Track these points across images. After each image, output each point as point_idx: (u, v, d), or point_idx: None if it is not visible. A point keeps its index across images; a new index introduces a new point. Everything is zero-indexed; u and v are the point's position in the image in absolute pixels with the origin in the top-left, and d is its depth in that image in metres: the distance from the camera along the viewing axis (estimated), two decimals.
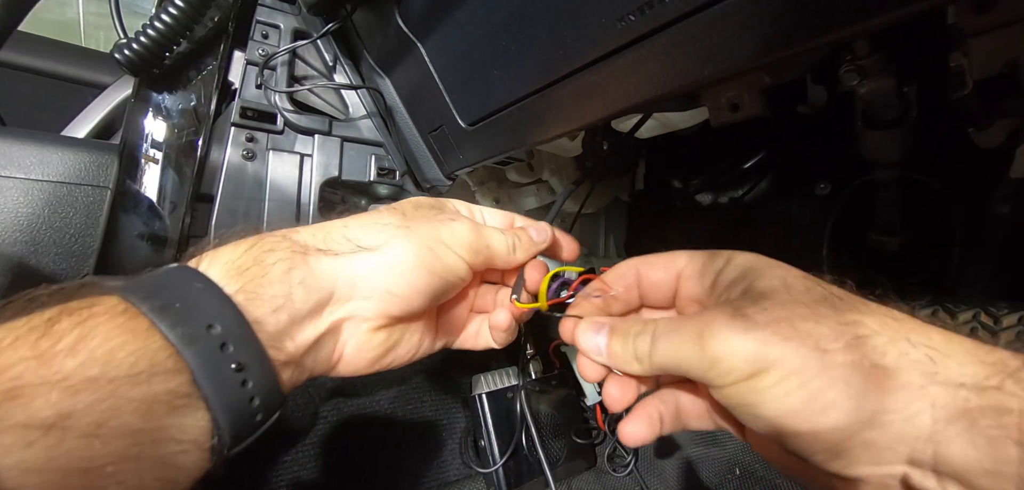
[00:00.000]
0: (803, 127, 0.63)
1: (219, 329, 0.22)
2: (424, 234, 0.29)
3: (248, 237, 0.26)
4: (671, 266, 0.28)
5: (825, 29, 0.22)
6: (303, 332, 0.26)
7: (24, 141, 0.45)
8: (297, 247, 0.26)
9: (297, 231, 0.28)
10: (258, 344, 0.23)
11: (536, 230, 0.35)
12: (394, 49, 0.49)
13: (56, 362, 0.18)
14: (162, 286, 0.22)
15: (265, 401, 0.23)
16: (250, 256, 0.25)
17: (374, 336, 0.28)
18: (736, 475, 0.54)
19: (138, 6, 0.95)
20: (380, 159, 0.61)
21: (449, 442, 0.57)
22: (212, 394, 0.21)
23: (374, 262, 0.27)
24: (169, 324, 0.21)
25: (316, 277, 0.26)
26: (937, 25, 0.28)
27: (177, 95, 0.54)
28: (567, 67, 0.34)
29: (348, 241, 0.28)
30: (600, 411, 0.63)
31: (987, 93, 0.35)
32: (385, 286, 0.27)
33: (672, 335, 0.23)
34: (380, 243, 0.28)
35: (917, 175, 0.50)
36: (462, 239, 0.30)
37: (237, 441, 0.23)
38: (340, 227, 0.29)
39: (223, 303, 0.23)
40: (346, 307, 0.27)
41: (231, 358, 0.22)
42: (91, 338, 0.19)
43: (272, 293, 0.24)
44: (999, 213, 0.48)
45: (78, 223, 0.46)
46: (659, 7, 0.26)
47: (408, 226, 0.29)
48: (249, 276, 0.24)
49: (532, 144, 0.45)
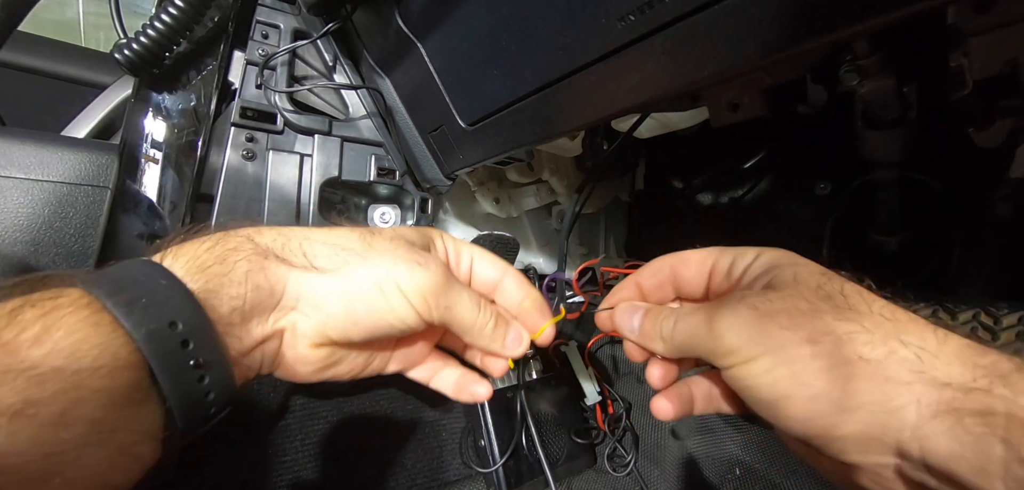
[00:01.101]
0: (803, 127, 0.63)
1: (181, 327, 0.22)
2: (378, 272, 0.27)
3: (212, 235, 0.27)
4: (704, 263, 0.29)
5: (825, 29, 0.22)
6: (251, 331, 0.26)
7: (24, 141, 0.45)
8: (259, 250, 0.27)
9: (260, 232, 0.28)
10: (218, 342, 0.24)
11: (513, 337, 0.32)
12: (394, 49, 0.49)
13: (21, 352, 0.18)
14: (127, 281, 0.22)
15: (219, 396, 0.24)
16: (213, 254, 0.25)
17: (312, 352, 0.29)
18: (736, 475, 0.54)
19: (138, 6, 0.95)
20: (380, 159, 0.61)
21: (449, 442, 0.57)
22: (170, 391, 0.22)
23: (320, 285, 0.27)
24: (134, 322, 0.21)
25: (270, 282, 0.26)
26: (937, 25, 0.28)
27: (177, 95, 0.54)
28: (567, 67, 0.34)
29: (304, 256, 0.28)
30: (600, 411, 0.63)
31: (987, 93, 0.35)
32: (327, 310, 0.27)
33: (689, 318, 0.26)
34: (332, 268, 0.28)
35: (917, 175, 0.50)
36: (420, 287, 0.28)
37: (189, 432, 0.24)
38: (301, 239, 0.28)
39: (185, 300, 0.23)
40: (288, 317, 0.27)
41: (191, 355, 0.22)
42: (56, 330, 0.19)
43: (231, 294, 0.25)
44: (999, 213, 0.48)
45: (78, 223, 0.46)
46: (659, 7, 0.26)
47: (365, 258, 0.28)
48: (211, 273, 0.24)
49: (532, 144, 0.45)
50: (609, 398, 0.65)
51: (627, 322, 0.30)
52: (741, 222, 0.72)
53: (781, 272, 0.24)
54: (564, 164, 0.69)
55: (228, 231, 0.27)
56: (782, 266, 0.25)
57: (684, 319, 0.26)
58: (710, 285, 0.29)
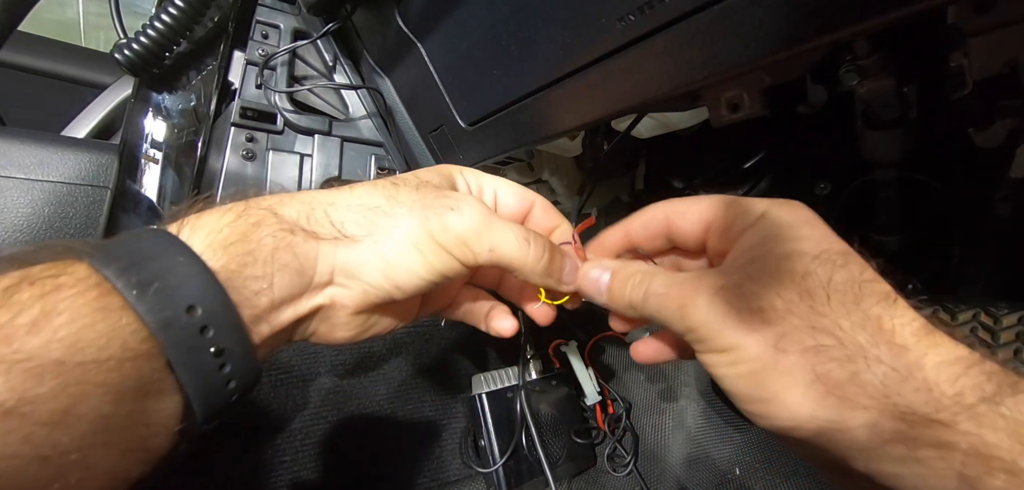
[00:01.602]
0: (803, 127, 0.63)
1: (200, 311, 0.20)
2: (412, 229, 0.25)
3: (234, 204, 0.24)
4: (701, 217, 0.26)
5: (825, 29, 0.22)
6: (281, 315, 0.24)
7: (24, 141, 0.44)
8: (285, 225, 0.24)
9: (284, 203, 0.25)
10: (241, 328, 0.22)
11: (570, 268, 0.29)
12: (394, 49, 0.49)
13: (16, 340, 0.16)
14: (141, 257, 0.20)
15: (241, 383, 0.22)
16: (236, 230, 0.23)
17: (352, 319, 0.27)
18: (736, 475, 0.54)
19: (138, 6, 0.95)
20: (380, 159, 0.61)
21: (449, 442, 0.57)
22: (188, 380, 0.20)
23: (353, 255, 0.25)
24: (147, 306, 0.19)
25: (299, 261, 0.24)
26: (937, 25, 0.28)
27: (177, 95, 0.54)
28: (567, 67, 0.34)
29: (332, 225, 0.25)
30: (600, 411, 0.63)
31: (987, 93, 0.35)
32: (365, 279, 0.25)
33: (662, 297, 0.24)
34: (363, 233, 0.25)
35: (917, 175, 0.50)
36: (459, 234, 0.25)
37: (207, 421, 0.22)
38: (326, 205, 0.26)
39: (206, 282, 0.21)
40: (325, 293, 0.25)
41: (211, 342, 0.20)
42: (56, 315, 0.17)
43: (255, 274, 0.22)
44: (999, 213, 0.48)
45: (78, 223, 0.46)
46: (659, 7, 0.26)
47: (394, 216, 0.25)
48: (234, 252, 0.22)
49: (532, 144, 0.45)
50: (609, 398, 0.65)
51: (594, 284, 0.28)
52: None
53: (775, 247, 0.22)
54: (564, 164, 0.69)
55: (250, 202, 0.25)
56: (778, 238, 0.23)
57: (655, 295, 0.24)
58: (708, 241, 0.27)
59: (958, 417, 0.18)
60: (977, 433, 0.17)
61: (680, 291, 0.23)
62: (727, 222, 0.25)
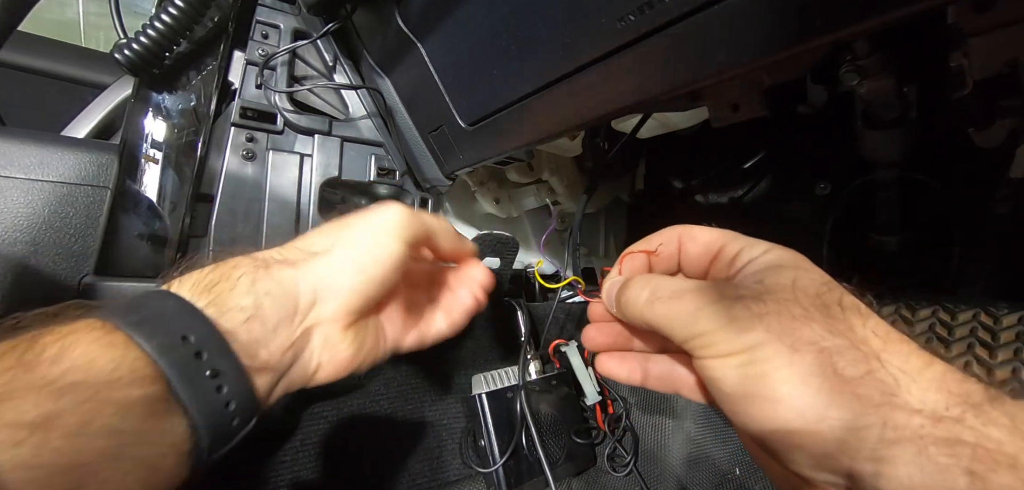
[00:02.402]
0: (803, 127, 0.63)
1: (194, 339, 0.23)
2: (365, 228, 0.31)
3: (214, 262, 0.28)
4: (712, 244, 0.28)
5: (825, 29, 0.22)
6: (276, 339, 0.27)
7: (24, 141, 0.44)
8: (259, 262, 0.28)
9: (258, 252, 0.30)
10: (231, 352, 0.25)
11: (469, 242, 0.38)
12: (394, 49, 0.49)
13: (40, 369, 0.20)
14: (136, 305, 0.24)
15: (241, 406, 0.25)
16: (216, 274, 0.27)
17: (345, 335, 0.30)
18: (736, 475, 0.54)
19: (138, 6, 0.95)
20: (380, 159, 0.61)
21: (449, 442, 0.57)
22: (189, 400, 0.23)
23: (326, 263, 0.30)
24: (145, 336, 0.22)
25: (281, 286, 0.28)
26: (937, 25, 0.28)
27: (177, 95, 0.54)
28: (567, 67, 0.34)
29: (301, 251, 0.30)
30: (600, 411, 0.63)
31: (987, 93, 0.35)
32: (341, 282, 0.29)
33: (672, 301, 0.25)
34: (329, 245, 0.31)
35: (917, 175, 0.50)
36: (396, 221, 0.32)
37: (215, 447, 0.24)
38: (296, 242, 0.31)
39: (195, 316, 0.24)
40: (313, 313, 0.29)
41: (206, 365, 0.23)
42: (73, 349, 0.21)
43: (241, 305, 0.26)
44: (999, 213, 0.48)
45: (78, 223, 0.45)
46: (659, 7, 0.26)
47: (350, 226, 0.32)
48: (217, 291, 0.26)
49: (532, 144, 0.45)
50: (609, 398, 0.65)
51: (605, 291, 0.31)
52: (741, 222, 0.72)
53: (783, 273, 0.24)
54: (564, 164, 0.69)
55: (230, 258, 0.29)
56: (785, 267, 0.24)
57: (664, 300, 0.25)
58: (711, 268, 0.28)
59: (966, 413, 0.18)
60: (983, 429, 0.18)
61: (694, 295, 0.24)
62: (736, 249, 0.26)
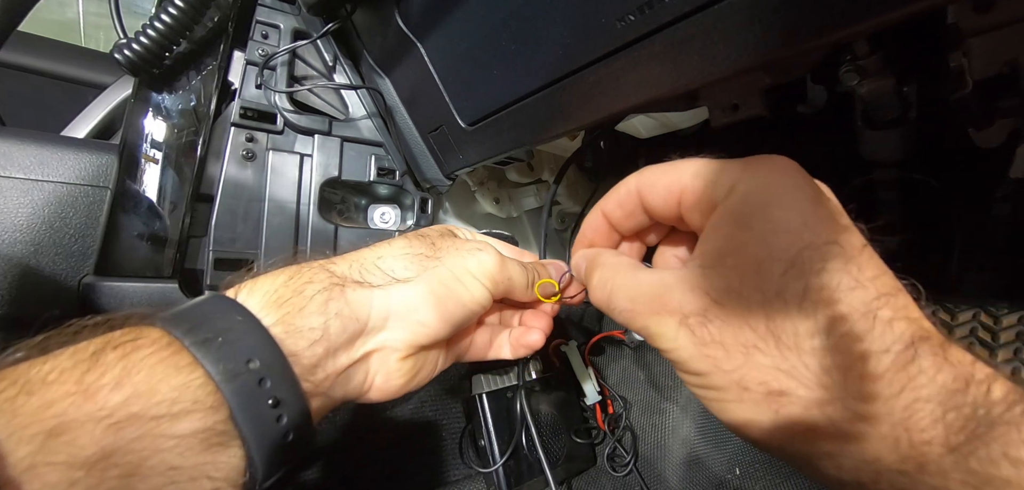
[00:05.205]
0: (803, 127, 0.63)
1: (257, 363, 0.22)
2: (455, 266, 0.30)
3: (287, 267, 0.27)
4: (670, 189, 0.25)
5: (825, 29, 0.22)
6: (336, 362, 0.26)
7: (24, 141, 0.44)
8: (335, 278, 0.27)
9: (334, 262, 0.29)
10: (294, 379, 0.24)
11: (554, 268, 0.37)
12: (394, 49, 0.49)
13: (100, 396, 0.19)
14: (204, 318, 0.23)
15: (298, 438, 0.24)
16: (289, 288, 0.26)
17: (402, 364, 0.29)
18: (736, 475, 0.54)
19: (138, 6, 0.95)
20: (380, 159, 0.61)
21: (449, 442, 0.57)
22: (249, 432, 0.22)
23: (408, 293, 0.28)
24: (211, 359, 0.21)
25: (352, 308, 0.27)
26: (937, 25, 0.28)
27: (177, 95, 0.54)
28: (567, 67, 0.34)
29: (382, 273, 0.29)
30: (600, 411, 0.63)
31: (987, 93, 0.35)
32: (417, 317, 0.28)
33: (629, 312, 0.24)
34: (412, 274, 0.29)
35: (917, 175, 0.50)
36: (487, 269, 0.31)
37: (269, 476, 0.23)
38: (374, 259, 0.30)
39: (262, 337, 0.23)
40: (378, 338, 0.28)
41: (268, 394, 0.22)
42: (136, 372, 0.20)
43: (310, 325, 0.25)
44: (999, 213, 0.48)
45: (78, 223, 0.46)
46: (659, 7, 0.26)
47: (438, 257, 0.30)
48: (288, 308, 0.25)
49: (532, 144, 0.45)
50: (609, 398, 0.65)
51: (576, 265, 0.31)
52: None
53: (745, 250, 0.20)
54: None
55: (302, 265, 0.28)
56: (751, 230, 0.21)
57: (619, 294, 0.25)
58: (683, 215, 0.25)
59: (926, 468, 0.18)
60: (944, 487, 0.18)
61: (646, 306, 0.23)
62: (697, 197, 0.23)
